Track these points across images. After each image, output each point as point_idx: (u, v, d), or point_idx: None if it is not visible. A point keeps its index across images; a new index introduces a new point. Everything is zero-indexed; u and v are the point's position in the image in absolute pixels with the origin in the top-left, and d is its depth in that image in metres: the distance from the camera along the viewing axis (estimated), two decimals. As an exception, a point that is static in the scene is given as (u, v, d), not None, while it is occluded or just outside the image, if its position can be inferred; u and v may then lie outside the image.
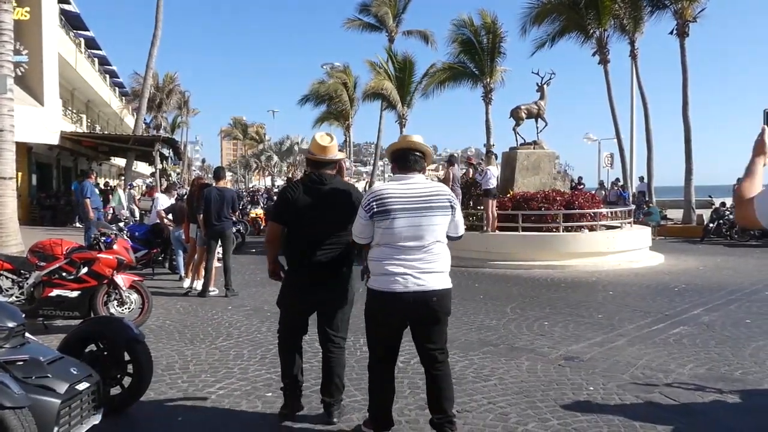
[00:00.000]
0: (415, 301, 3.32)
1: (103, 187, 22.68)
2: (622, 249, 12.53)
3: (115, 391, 4.05)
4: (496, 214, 12.54)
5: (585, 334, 6.38)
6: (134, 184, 25.18)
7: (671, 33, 21.70)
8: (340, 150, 4.04)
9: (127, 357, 4.05)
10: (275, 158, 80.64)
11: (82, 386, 3.31)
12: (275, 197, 3.87)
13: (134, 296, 6.62)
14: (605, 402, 4.35)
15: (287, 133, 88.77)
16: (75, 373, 3.33)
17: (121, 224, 10.40)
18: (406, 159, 3.50)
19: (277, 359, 4.21)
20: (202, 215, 8.79)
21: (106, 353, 4.05)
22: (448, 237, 3.54)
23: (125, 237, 10.37)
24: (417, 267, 3.33)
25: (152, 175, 24.86)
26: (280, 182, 61.51)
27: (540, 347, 5.87)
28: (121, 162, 29.89)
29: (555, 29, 24.63)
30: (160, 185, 18.62)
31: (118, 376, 4.06)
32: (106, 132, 34.69)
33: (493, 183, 12.50)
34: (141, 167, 35.17)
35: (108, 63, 39.26)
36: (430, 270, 3.35)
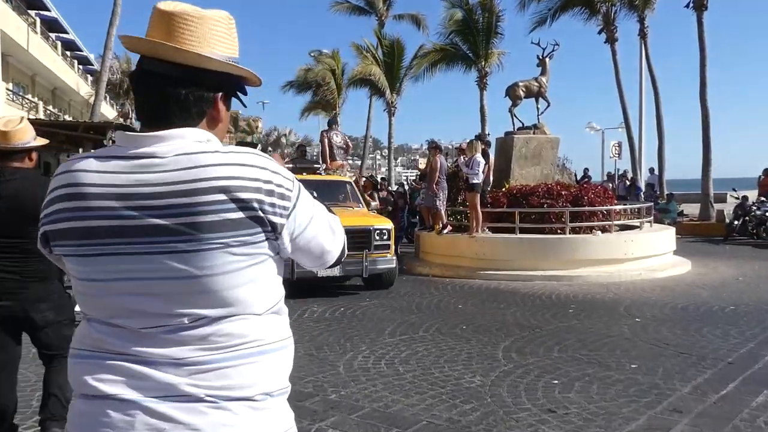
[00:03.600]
0: None
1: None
2: (643, 255, 10.23)
3: None
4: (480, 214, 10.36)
5: (618, 407, 4.06)
6: None
7: (687, 6, 19.43)
8: (37, 136, 3.22)
9: None
10: (263, 151, 78.96)
11: None
12: None
13: None
14: None
15: (281, 125, 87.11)
16: None
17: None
18: (145, 87, 1.19)
19: None
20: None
21: None
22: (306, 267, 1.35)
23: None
24: (161, 383, 1.08)
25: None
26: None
27: (549, 440, 3.56)
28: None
29: (557, 3, 22.33)
30: None
31: None
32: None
33: (481, 177, 10.27)
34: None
35: (78, 48, 36.74)
36: (199, 392, 1.08)
